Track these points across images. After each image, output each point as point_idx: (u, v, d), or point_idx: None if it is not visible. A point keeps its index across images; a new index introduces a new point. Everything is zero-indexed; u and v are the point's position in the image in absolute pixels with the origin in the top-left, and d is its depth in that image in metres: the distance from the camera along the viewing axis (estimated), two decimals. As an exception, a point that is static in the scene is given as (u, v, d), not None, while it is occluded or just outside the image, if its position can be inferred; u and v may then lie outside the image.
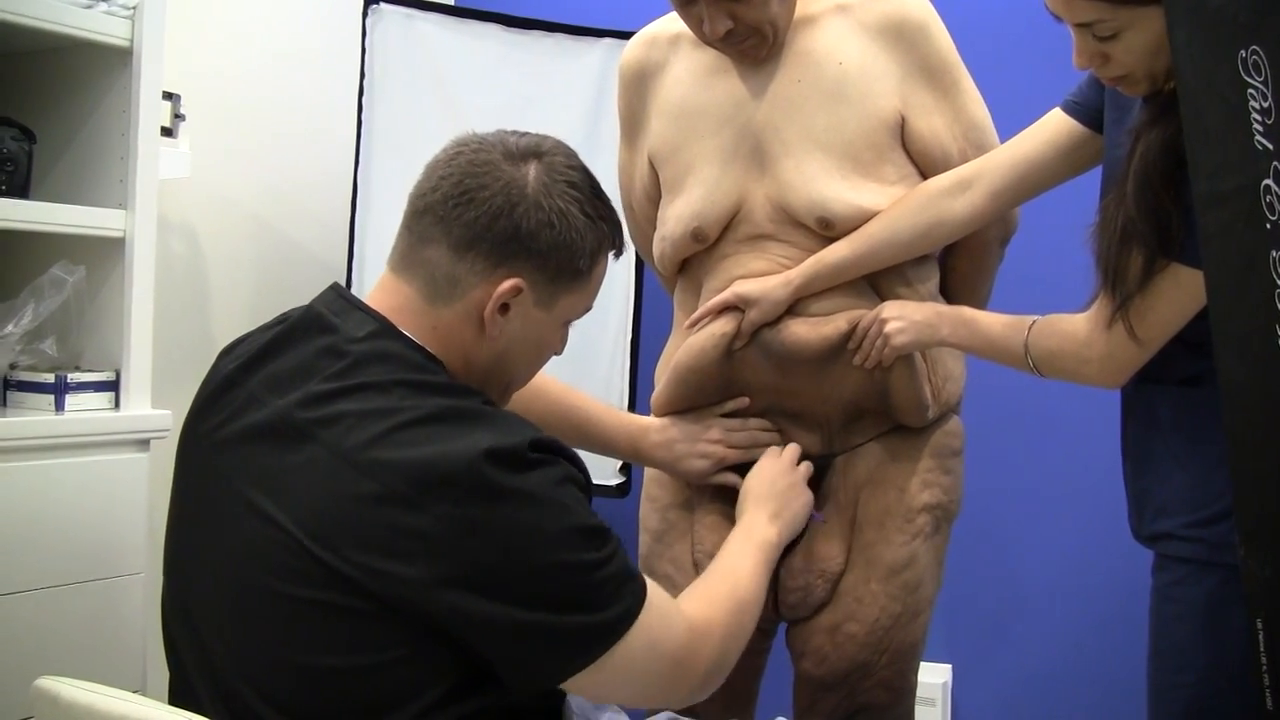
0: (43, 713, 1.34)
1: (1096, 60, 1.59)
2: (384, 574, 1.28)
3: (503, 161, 1.46)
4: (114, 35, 2.21)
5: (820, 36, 1.96)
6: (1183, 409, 1.70)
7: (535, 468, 1.33)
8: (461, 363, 1.47)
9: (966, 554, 2.47)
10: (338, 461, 1.32)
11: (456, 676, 1.33)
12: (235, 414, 1.43)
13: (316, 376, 1.39)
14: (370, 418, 1.33)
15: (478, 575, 1.29)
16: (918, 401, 1.96)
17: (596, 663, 1.36)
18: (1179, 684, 1.68)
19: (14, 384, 2.19)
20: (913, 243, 1.94)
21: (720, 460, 1.99)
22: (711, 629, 1.52)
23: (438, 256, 1.45)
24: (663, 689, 1.48)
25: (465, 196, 1.44)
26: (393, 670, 1.31)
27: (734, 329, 1.94)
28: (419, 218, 1.47)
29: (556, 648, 1.34)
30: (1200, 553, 1.66)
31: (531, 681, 1.37)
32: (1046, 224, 2.26)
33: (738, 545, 1.75)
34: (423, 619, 1.30)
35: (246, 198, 3.08)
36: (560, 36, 3.15)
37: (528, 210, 1.44)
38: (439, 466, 1.29)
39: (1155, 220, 1.57)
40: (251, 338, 1.52)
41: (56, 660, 1.98)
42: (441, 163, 1.48)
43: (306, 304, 1.51)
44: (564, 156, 1.50)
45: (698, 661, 1.49)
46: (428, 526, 1.28)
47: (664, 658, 1.44)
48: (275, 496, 1.35)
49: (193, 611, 1.42)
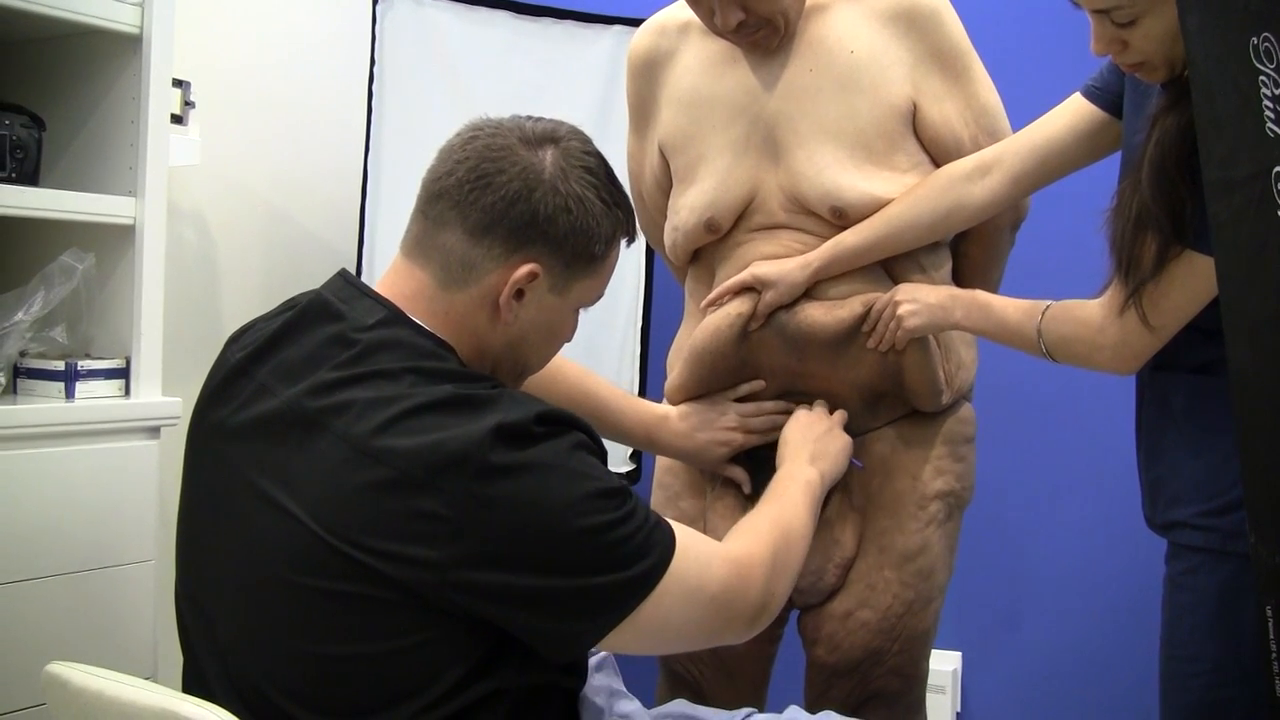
0: (53, 698, 1.35)
1: (1115, 47, 1.59)
2: (402, 559, 1.28)
3: (519, 146, 1.45)
4: (124, 22, 2.21)
5: (831, 25, 1.95)
6: (1196, 396, 1.70)
7: (543, 440, 1.33)
8: (473, 349, 1.47)
9: (977, 542, 2.47)
10: (348, 449, 1.32)
11: (475, 659, 1.33)
12: (245, 404, 1.43)
13: (325, 365, 1.39)
14: (379, 404, 1.33)
15: (498, 550, 1.29)
16: (932, 384, 1.96)
17: (630, 617, 1.35)
18: (1191, 672, 1.68)
19: (24, 371, 2.19)
20: (933, 226, 1.93)
21: (739, 446, 1.99)
22: (754, 563, 1.51)
23: (453, 241, 1.44)
24: (710, 629, 1.47)
25: (482, 181, 1.43)
26: (410, 656, 1.31)
27: (750, 310, 1.94)
28: (434, 202, 1.46)
29: (586, 610, 1.34)
30: (1213, 542, 1.65)
31: (566, 647, 1.37)
32: (1057, 210, 2.25)
33: (781, 486, 1.75)
34: (441, 603, 1.30)
35: (257, 185, 3.08)
36: (570, 24, 3.15)
37: (545, 195, 1.43)
38: (449, 448, 1.29)
39: (1170, 207, 1.57)
40: (259, 325, 1.51)
41: (68, 647, 1.99)
42: (456, 147, 1.48)
43: (314, 291, 1.51)
44: (580, 142, 1.50)
45: (745, 597, 1.49)
46: (442, 508, 1.28)
47: (705, 600, 1.43)
48: (288, 487, 1.35)
49: (204, 600, 1.43)
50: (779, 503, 1.69)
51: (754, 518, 1.64)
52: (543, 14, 3.14)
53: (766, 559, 1.53)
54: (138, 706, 1.27)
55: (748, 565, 1.50)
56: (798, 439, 1.89)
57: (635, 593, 1.36)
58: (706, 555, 1.45)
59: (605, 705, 1.60)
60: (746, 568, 1.50)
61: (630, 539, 1.35)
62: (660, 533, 1.39)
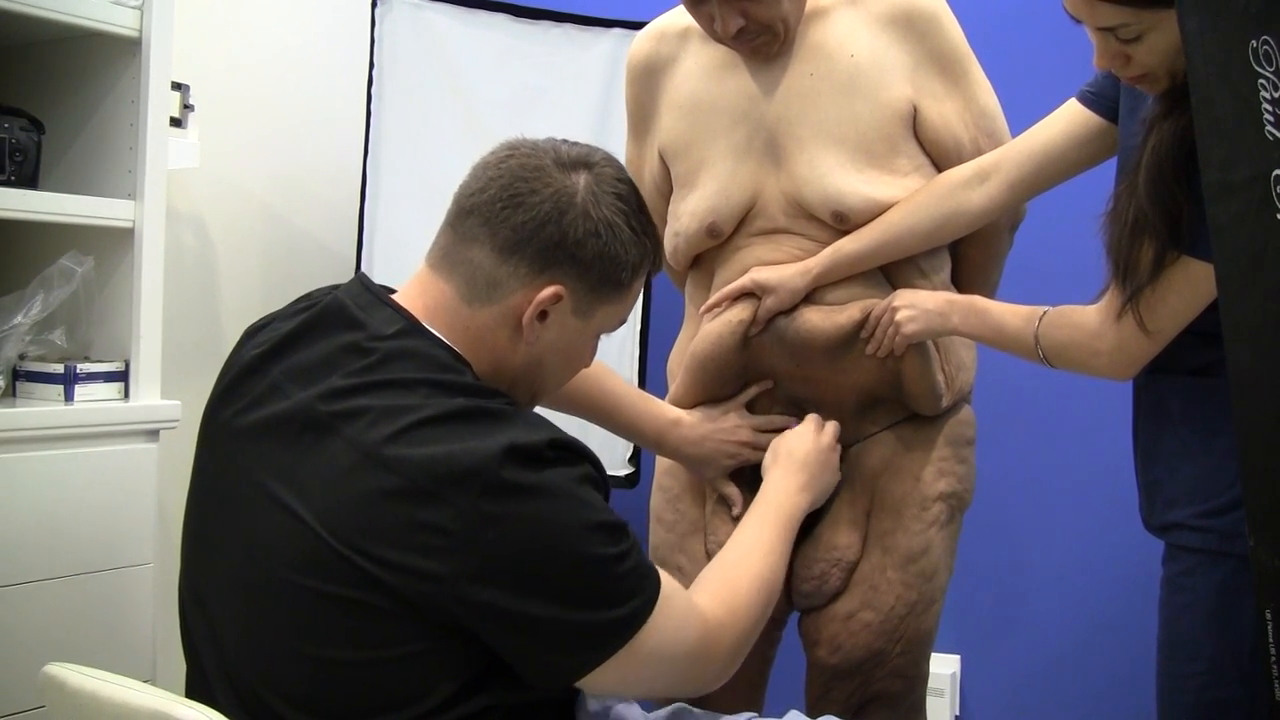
0: (51, 699, 1.35)
1: (1118, 61, 1.59)
2: (404, 569, 1.28)
3: (553, 168, 1.45)
4: (123, 25, 2.21)
5: (831, 29, 1.95)
6: (1193, 399, 1.70)
7: (553, 465, 1.33)
8: (491, 366, 1.47)
9: (976, 544, 2.47)
10: (359, 456, 1.32)
11: (470, 674, 1.34)
12: (256, 402, 1.43)
13: (341, 371, 1.39)
14: (393, 413, 1.33)
15: (497, 569, 1.29)
16: (931, 389, 1.96)
17: (612, 659, 1.36)
18: (1189, 674, 1.68)
19: (23, 374, 2.19)
20: (931, 233, 1.94)
21: (745, 461, 1.99)
22: (726, 625, 1.51)
23: (480, 257, 1.44)
24: (680, 681, 1.48)
25: (515, 200, 1.43)
26: (406, 666, 1.31)
27: (750, 316, 1.94)
28: (465, 217, 1.46)
29: (573, 644, 1.34)
30: (1211, 543, 1.66)
31: (548, 678, 1.37)
32: (1056, 212, 2.25)
33: (758, 518, 1.74)
34: (440, 615, 1.30)
35: (255, 188, 3.08)
36: (569, 27, 3.15)
37: (576, 219, 1.44)
38: (460, 461, 1.29)
39: (1167, 213, 1.57)
40: (275, 323, 1.51)
41: (66, 650, 1.98)
42: (491, 164, 1.48)
43: (331, 290, 1.51)
44: (613, 169, 1.50)
45: (715, 653, 1.49)
46: (448, 521, 1.28)
47: (679, 654, 1.44)
48: (295, 489, 1.35)
49: (208, 599, 1.43)
50: (754, 550, 1.66)
51: (730, 565, 1.62)
52: (542, 17, 3.14)
53: (739, 622, 1.53)
54: (132, 708, 1.27)
55: (719, 629, 1.50)
56: (797, 458, 1.87)
57: (619, 634, 1.36)
58: (683, 612, 1.45)
59: (602, 709, 1.60)
60: (719, 629, 1.50)
61: (625, 577, 1.36)
62: (650, 580, 1.40)
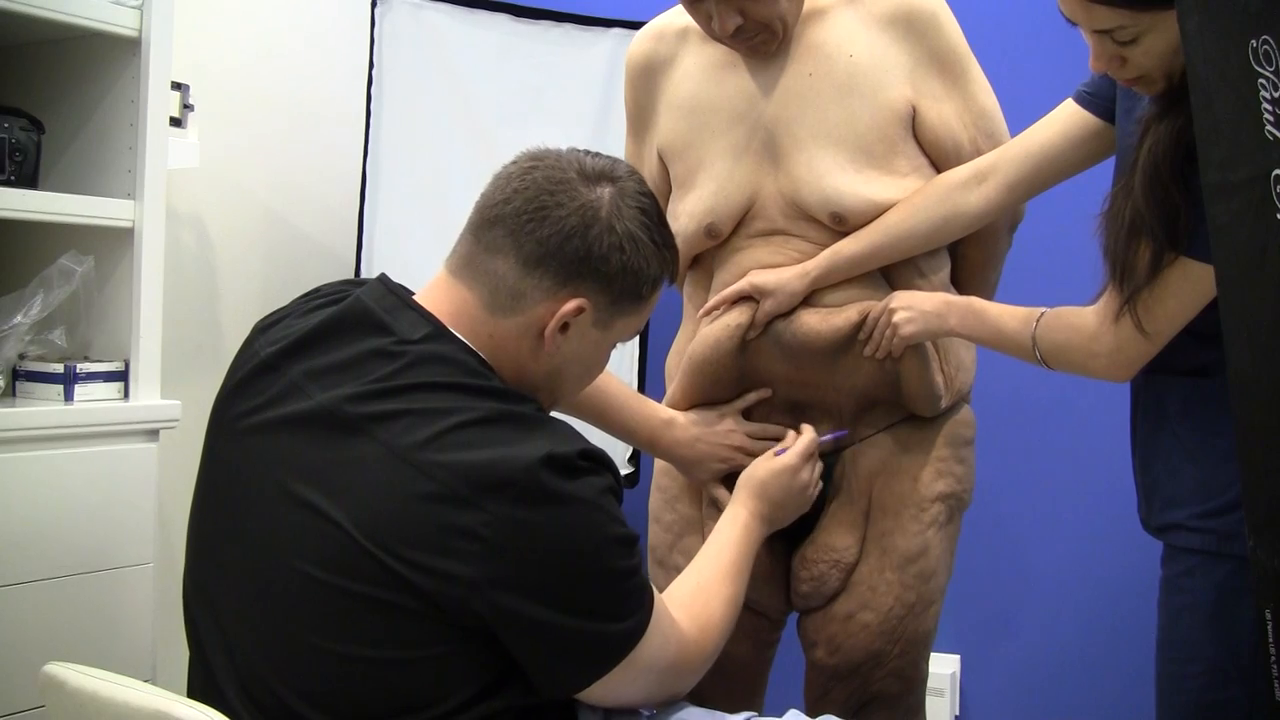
0: (50, 699, 1.36)
1: (1114, 64, 1.58)
2: (436, 572, 1.29)
3: (578, 181, 1.46)
4: (122, 25, 2.21)
5: (830, 29, 1.95)
6: (1191, 400, 1.70)
7: (584, 475, 1.35)
8: (513, 373, 1.48)
9: (975, 545, 2.47)
10: (395, 459, 1.32)
11: (488, 677, 1.36)
12: (273, 401, 1.43)
13: (369, 374, 1.39)
14: (427, 417, 1.34)
15: (527, 576, 1.31)
16: (929, 391, 1.96)
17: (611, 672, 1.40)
18: (1188, 674, 1.68)
19: (23, 374, 2.19)
20: (930, 235, 1.94)
21: (736, 467, 1.99)
22: (698, 639, 1.56)
23: (504, 269, 1.45)
24: (655, 693, 1.52)
25: (540, 213, 1.44)
26: (427, 667, 1.33)
27: (748, 319, 1.94)
28: (488, 228, 1.47)
29: (584, 655, 1.38)
30: (1209, 544, 1.65)
31: (558, 686, 1.40)
32: (1055, 213, 2.25)
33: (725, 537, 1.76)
34: (465, 618, 1.31)
35: (255, 188, 3.08)
36: (569, 26, 3.15)
37: (600, 233, 1.45)
38: (498, 469, 1.30)
39: (1164, 214, 1.57)
40: (288, 319, 1.51)
41: (66, 650, 1.98)
42: (515, 175, 1.48)
43: (345, 287, 1.52)
44: (635, 182, 1.51)
45: (688, 668, 1.54)
46: (481, 527, 1.29)
47: (661, 667, 1.48)
48: (325, 489, 1.35)
49: (214, 595, 1.43)
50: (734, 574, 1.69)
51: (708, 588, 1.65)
52: (541, 16, 3.14)
53: (709, 640, 1.58)
54: (132, 708, 1.27)
55: (693, 645, 1.55)
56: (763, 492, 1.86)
57: (623, 648, 1.40)
58: (667, 627, 1.48)
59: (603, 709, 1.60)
60: (693, 645, 1.54)
61: (633, 593, 1.41)
62: (649, 594, 1.44)
